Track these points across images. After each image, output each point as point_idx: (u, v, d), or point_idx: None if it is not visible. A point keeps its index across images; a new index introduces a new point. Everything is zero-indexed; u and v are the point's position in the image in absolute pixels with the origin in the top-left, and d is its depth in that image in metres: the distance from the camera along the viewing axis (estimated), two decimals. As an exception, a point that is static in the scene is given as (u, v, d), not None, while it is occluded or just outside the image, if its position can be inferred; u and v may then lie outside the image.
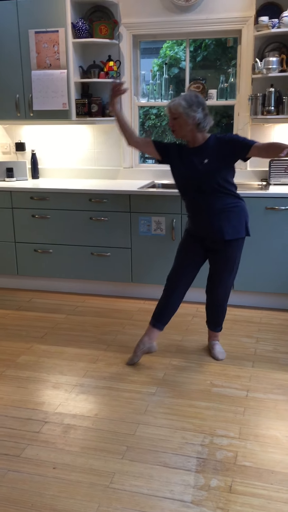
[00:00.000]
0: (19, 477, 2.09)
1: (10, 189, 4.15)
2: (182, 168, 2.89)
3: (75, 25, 4.01)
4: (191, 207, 2.96)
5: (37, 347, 3.28)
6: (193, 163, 2.84)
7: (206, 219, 2.88)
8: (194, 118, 2.76)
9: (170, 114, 2.81)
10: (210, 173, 2.81)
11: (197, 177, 2.83)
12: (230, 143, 2.80)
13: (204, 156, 2.82)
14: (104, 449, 2.26)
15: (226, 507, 1.91)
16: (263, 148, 2.73)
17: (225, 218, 2.85)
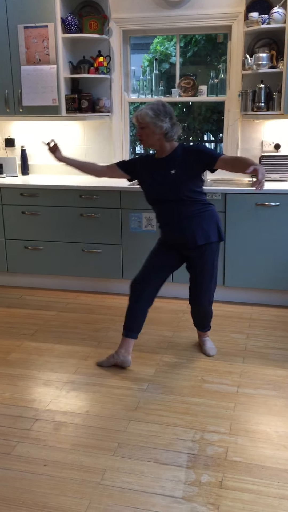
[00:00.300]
0: (10, 475, 2.08)
1: (0, 186, 4.12)
2: (150, 180, 2.89)
3: (65, 20, 3.98)
4: (161, 216, 2.94)
5: (28, 344, 3.27)
6: (160, 175, 2.83)
7: (177, 227, 2.87)
8: (162, 128, 2.74)
9: (137, 123, 2.79)
10: (177, 184, 2.80)
11: (164, 188, 2.82)
12: (197, 154, 2.79)
13: (171, 167, 2.82)
14: (95, 445, 2.26)
15: (217, 502, 1.92)
16: (229, 161, 2.72)
17: (195, 223, 2.84)
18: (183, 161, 2.80)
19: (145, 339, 3.32)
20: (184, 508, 1.89)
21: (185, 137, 7.03)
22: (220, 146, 6.58)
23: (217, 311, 3.78)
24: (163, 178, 2.83)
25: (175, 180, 2.81)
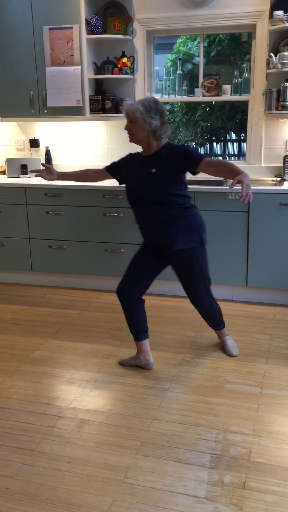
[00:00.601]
0: (34, 471, 2.11)
1: (25, 186, 4.17)
2: (132, 177, 2.83)
3: (89, 21, 4.01)
4: (139, 219, 2.88)
5: (51, 343, 3.31)
6: (141, 174, 2.77)
7: (154, 231, 2.81)
8: (151, 125, 2.68)
9: (127, 117, 2.73)
10: (156, 183, 2.72)
11: (143, 188, 2.75)
12: (181, 154, 2.71)
13: (153, 166, 2.74)
14: (118, 444, 2.27)
15: (240, 503, 1.91)
16: (212, 165, 2.65)
17: (174, 228, 2.76)
18: (166, 161, 2.72)
19: (167, 339, 3.32)
20: (207, 508, 1.89)
21: (208, 137, 7.01)
22: (243, 146, 6.53)
23: (240, 311, 3.77)
24: (143, 177, 2.76)
25: (155, 179, 2.72)
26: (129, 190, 2.85)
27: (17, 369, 2.96)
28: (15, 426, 2.41)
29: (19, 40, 4.16)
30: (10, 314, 3.82)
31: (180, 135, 6.95)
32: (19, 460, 2.17)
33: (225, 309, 3.81)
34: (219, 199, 3.74)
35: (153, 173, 2.73)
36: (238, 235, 3.77)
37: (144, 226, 2.88)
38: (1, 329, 3.54)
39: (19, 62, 4.21)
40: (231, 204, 3.73)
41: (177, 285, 4.05)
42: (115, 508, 1.90)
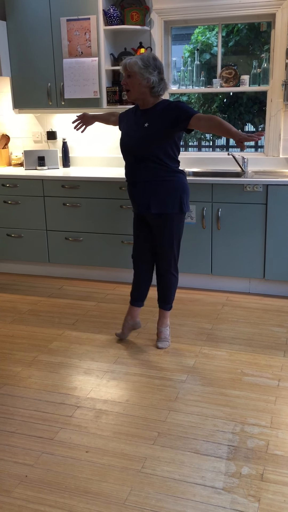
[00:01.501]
0: (53, 460, 2.13)
1: (42, 178, 4.19)
2: (126, 129, 2.91)
3: (107, 12, 4.00)
4: (128, 172, 2.94)
5: (69, 334, 3.33)
6: (134, 127, 2.83)
7: (137, 189, 2.88)
8: (149, 80, 2.70)
9: (125, 71, 2.74)
10: (147, 138, 2.74)
11: (135, 140, 2.79)
12: (174, 110, 2.72)
13: (146, 120, 2.77)
14: (135, 434, 2.29)
15: (258, 495, 1.91)
16: (203, 118, 2.66)
17: (154, 190, 2.82)
18: (160, 116, 2.74)
19: (184, 331, 3.33)
20: (225, 499, 1.90)
21: (225, 129, 6.97)
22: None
23: (257, 304, 3.75)
24: (136, 131, 2.81)
25: (146, 133, 2.75)
26: (121, 142, 2.92)
27: (35, 359, 2.99)
28: (34, 415, 2.44)
29: (36, 31, 4.16)
30: (27, 305, 3.86)
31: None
32: (38, 449, 2.20)
33: (242, 302, 3.80)
34: (236, 191, 3.72)
35: (145, 127, 2.76)
36: (255, 228, 3.74)
37: (130, 181, 2.94)
38: (19, 320, 3.58)
39: (36, 54, 4.21)
40: (248, 196, 3.70)
41: (194, 277, 4.05)
42: (133, 498, 1.91)
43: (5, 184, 4.30)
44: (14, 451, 2.19)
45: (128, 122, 2.92)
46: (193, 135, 6.99)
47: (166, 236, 2.93)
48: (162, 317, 3.18)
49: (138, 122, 2.82)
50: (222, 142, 7.31)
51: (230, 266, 3.90)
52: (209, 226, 3.85)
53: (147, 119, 2.78)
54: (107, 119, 3.23)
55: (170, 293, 3.13)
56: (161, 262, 3.04)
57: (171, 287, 3.11)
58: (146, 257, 3.10)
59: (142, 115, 2.82)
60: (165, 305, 3.16)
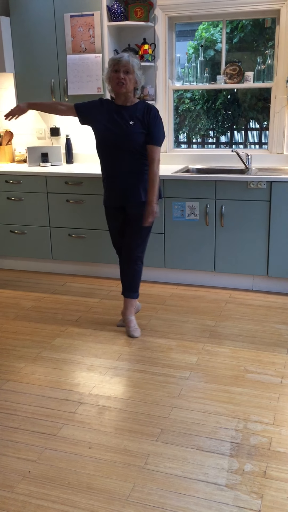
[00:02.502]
0: (56, 455, 2.14)
1: (45, 174, 4.19)
2: (107, 124, 3.00)
3: (110, 8, 3.98)
4: (109, 166, 3.08)
5: (72, 330, 3.34)
6: (118, 121, 2.98)
7: (123, 180, 3.05)
8: (139, 81, 2.98)
9: (123, 67, 2.91)
10: (133, 135, 2.96)
11: (120, 135, 2.96)
12: (151, 123, 2.97)
13: (130, 118, 2.97)
14: (138, 430, 2.29)
15: (261, 491, 1.92)
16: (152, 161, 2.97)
17: (138, 179, 3.04)
18: (142, 119, 2.97)
19: (187, 328, 3.33)
20: (228, 495, 1.90)
21: (229, 125, 6.93)
22: (265, 134, 6.45)
23: (260, 301, 3.75)
24: (120, 126, 2.97)
25: (132, 131, 2.96)
26: (104, 136, 3.02)
27: (38, 356, 3.00)
28: (37, 411, 2.45)
29: (40, 28, 4.15)
30: (31, 301, 3.86)
31: (201, 123, 6.89)
32: (41, 445, 2.21)
33: (245, 299, 3.79)
34: (240, 188, 3.71)
35: (131, 125, 2.96)
36: (259, 225, 3.74)
37: (112, 174, 3.08)
38: (22, 316, 3.59)
39: (40, 50, 4.21)
40: (252, 193, 3.69)
41: (197, 274, 4.05)
42: (135, 494, 1.92)
43: (8, 180, 4.30)
44: (17, 447, 2.20)
45: (104, 117, 3.02)
46: (196, 132, 6.97)
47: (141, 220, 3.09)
48: (130, 306, 3.28)
49: (122, 119, 2.98)
50: (226, 139, 7.30)
51: (234, 263, 3.89)
52: (213, 223, 3.84)
53: (130, 117, 2.98)
54: (52, 108, 3.30)
55: (138, 281, 3.28)
56: (134, 250, 3.17)
57: (140, 275, 3.28)
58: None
59: (124, 112, 2.99)
60: (134, 294, 3.29)
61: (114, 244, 3.35)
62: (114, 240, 3.33)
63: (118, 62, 2.92)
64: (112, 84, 2.97)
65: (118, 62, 2.92)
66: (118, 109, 3.01)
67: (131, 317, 3.27)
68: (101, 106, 3.07)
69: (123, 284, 3.30)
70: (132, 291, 3.28)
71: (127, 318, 3.27)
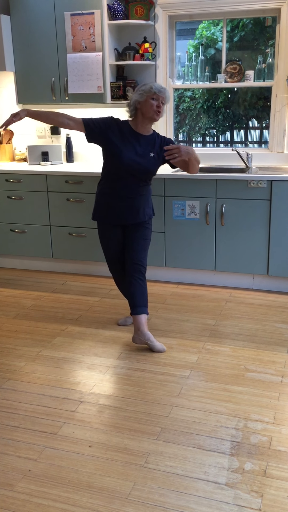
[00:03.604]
0: (56, 454, 2.14)
1: (46, 173, 4.19)
2: (126, 150, 2.91)
3: (111, 6, 3.98)
4: (119, 189, 3.00)
5: (72, 329, 3.34)
6: (140, 152, 2.93)
7: (130, 203, 3.02)
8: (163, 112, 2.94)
9: (162, 98, 2.85)
10: (152, 167, 2.97)
11: (142, 166, 2.93)
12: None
13: (151, 149, 2.95)
14: (138, 429, 2.29)
15: (261, 490, 1.92)
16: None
17: (144, 202, 3.08)
18: (160, 151, 2.96)
19: (188, 327, 3.33)
20: (228, 494, 1.90)
21: (230, 124, 6.93)
22: (265, 133, 6.45)
23: (261, 300, 3.75)
24: (142, 157, 2.93)
25: (152, 163, 2.96)
26: (125, 162, 2.91)
27: (38, 354, 3.00)
28: (38, 410, 2.45)
29: (40, 26, 4.15)
30: (31, 300, 3.86)
31: (201, 122, 6.89)
32: (41, 443, 2.21)
33: (245, 298, 3.79)
34: (240, 187, 3.71)
35: (151, 157, 2.95)
36: (259, 224, 3.73)
37: (119, 196, 3.02)
38: (23, 315, 3.59)
39: (40, 48, 4.20)
40: (252, 192, 3.69)
41: (198, 273, 4.05)
42: (136, 492, 1.92)
43: (8, 179, 4.30)
44: (18, 445, 2.20)
45: (123, 139, 2.92)
46: (197, 131, 6.96)
47: (147, 239, 3.14)
48: (145, 321, 3.04)
49: (142, 148, 2.93)
50: (226, 138, 7.29)
51: (234, 262, 3.89)
52: (213, 222, 3.84)
53: (152, 148, 2.96)
54: (56, 120, 2.97)
55: (146, 295, 3.10)
56: (140, 255, 3.09)
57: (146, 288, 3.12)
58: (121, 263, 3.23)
59: (144, 142, 2.95)
60: (146, 308, 3.07)
61: (112, 262, 3.22)
62: (113, 256, 3.19)
63: (159, 92, 2.83)
64: (147, 110, 2.84)
65: (160, 92, 2.83)
66: (138, 137, 2.94)
67: (149, 332, 3.02)
68: (116, 127, 2.93)
69: (132, 301, 3.05)
70: (144, 305, 3.05)
71: (146, 334, 2.99)
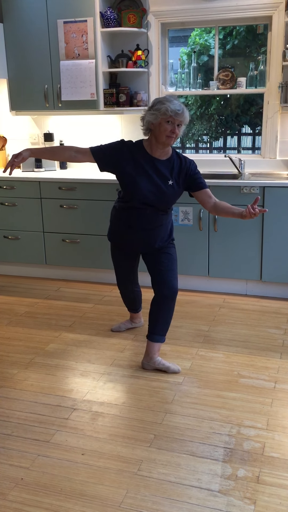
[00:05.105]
0: (49, 462, 2.13)
1: (39, 180, 4.19)
2: (143, 182, 2.64)
3: (104, 14, 4.00)
4: (136, 219, 2.75)
5: (65, 336, 3.33)
6: (156, 180, 2.64)
7: (147, 233, 2.77)
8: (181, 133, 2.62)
9: (179, 120, 2.53)
10: (172, 197, 2.70)
11: (159, 196, 2.66)
12: (193, 174, 2.70)
13: (170, 177, 2.66)
14: (131, 436, 2.28)
15: (254, 497, 1.91)
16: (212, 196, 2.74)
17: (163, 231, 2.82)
18: (179, 175, 2.68)
19: (181, 333, 3.33)
20: (221, 501, 1.89)
21: (223, 130, 6.97)
22: (258, 139, 6.48)
23: (254, 306, 3.75)
24: (159, 187, 2.65)
25: (171, 193, 2.68)
26: (141, 194, 2.66)
27: (31, 362, 2.98)
28: (30, 418, 2.44)
29: (33, 33, 4.16)
30: (24, 307, 3.85)
31: (194, 128, 6.92)
32: (34, 451, 2.20)
33: (239, 303, 3.80)
34: (233, 193, 3.72)
35: (170, 185, 2.66)
36: (252, 229, 3.75)
37: (135, 227, 2.77)
38: (16, 322, 3.57)
39: (33, 55, 4.22)
40: (245, 198, 3.70)
41: (191, 279, 4.05)
42: (129, 500, 1.91)
43: (2, 186, 4.29)
44: (10, 453, 2.19)
45: (134, 168, 2.64)
46: (190, 137, 6.99)
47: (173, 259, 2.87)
48: (158, 349, 2.88)
49: (159, 177, 2.64)
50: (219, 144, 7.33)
51: (227, 268, 3.90)
52: (206, 228, 3.85)
53: (169, 173, 2.66)
54: (62, 155, 2.77)
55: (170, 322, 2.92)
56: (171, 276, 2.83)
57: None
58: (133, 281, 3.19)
59: (161, 167, 2.65)
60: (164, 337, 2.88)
61: (121, 277, 3.10)
62: (123, 273, 3.08)
63: (176, 115, 2.49)
64: (160, 135, 2.55)
65: (177, 115, 2.49)
66: (153, 163, 2.64)
67: (160, 358, 2.86)
68: (129, 154, 2.65)
69: (152, 327, 2.84)
70: (163, 334, 2.85)
71: (156, 361, 2.84)
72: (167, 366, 2.83)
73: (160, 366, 2.84)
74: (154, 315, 2.84)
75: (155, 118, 2.54)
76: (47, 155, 2.77)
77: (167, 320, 2.85)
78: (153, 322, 2.85)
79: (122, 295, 3.26)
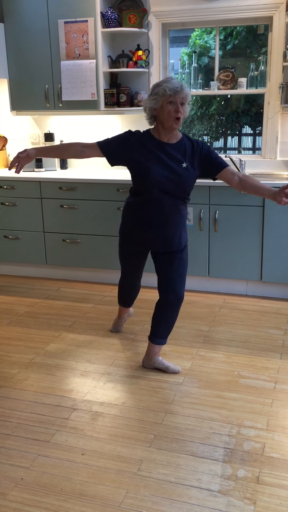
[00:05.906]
0: (49, 462, 2.13)
1: (39, 180, 4.19)
2: (157, 165, 2.53)
3: (104, 14, 4.00)
4: (150, 209, 2.62)
5: (66, 336, 3.33)
6: (169, 164, 2.54)
7: (161, 225, 2.64)
8: (188, 111, 2.54)
9: (181, 98, 2.44)
10: (186, 179, 2.56)
11: (174, 181, 2.54)
12: (209, 156, 2.59)
13: (182, 159, 2.55)
14: (131, 437, 2.28)
15: (254, 497, 1.91)
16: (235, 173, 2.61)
17: (179, 226, 2.67)
18: (192, 158, 2.57)
19: (181, 333, 3.32)
20: (221, 501, 1.89)
21: (223, 131, 6.97)
22: (258, 140, 6.49)
23: (254, 306, 3.75)
24: (173, 170, 2.53)
25: (186, 176, 2.55)
26: (155, 180, 2.53)
27: (31, 362, 2.98)
28: (30, 418, 2.44)
29: (34, 33, 4.17)
30: (24, 307, 3.85)
31: (195, 129, 6.92)
32: (34, 451, 2.20)
33: (239, 304, 3.80)
34: (234, 194, 3.72)
35: (184, 168, 2.55)
36: (253, 230, 3.75)
37: (151, 222, 2.65)
38: (16, 321, 3.57)
39: (34, 56, 4.22)
40: (246, 199, 3.70)
41: (191, 279, 4.05)
42: (128, 500, 1.91)
43: (2, 186, 4.29)
44: (10, 453, 2.19)
45: (144, 156, 2.55)
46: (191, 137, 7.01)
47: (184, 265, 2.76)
48: (158, 351, 2.87)
49: (172, 160, 2.54)
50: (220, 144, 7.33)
51: (227, 268, 3.90)
52: (206, 229, 3.85)
53: (182, 158, 2.55)
54: (70, 152, 2.68)
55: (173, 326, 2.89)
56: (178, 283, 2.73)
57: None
58: (138, 278, 3.09)
59: (172, 151, 2.55)
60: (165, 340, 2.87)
61: (126, 275, 3.03)
62: (129, 271, 2.99)
63: (176, 92, 2.42)
64: (165, 118, 2.47)
65: (176, 93, 2.42)
66: (163, 147, 2.55)
67: (160, 358, 2.86)
68: (137, 142, 2.57)
69: (154, 329, 2.81)
70: (165, 337, 2.84)
71: (156, 360, 2.84)
72: (167, 366, 2.84)
73: (160, 366, 2.85)
74: (158, 318, 2.81)
75: (156, 103, 2.48)
76: (54, 153, 2.72)
77: (170, 324, 2.82)
78: (155, 325, 2.83)
79: (122, 288, 3.16)
